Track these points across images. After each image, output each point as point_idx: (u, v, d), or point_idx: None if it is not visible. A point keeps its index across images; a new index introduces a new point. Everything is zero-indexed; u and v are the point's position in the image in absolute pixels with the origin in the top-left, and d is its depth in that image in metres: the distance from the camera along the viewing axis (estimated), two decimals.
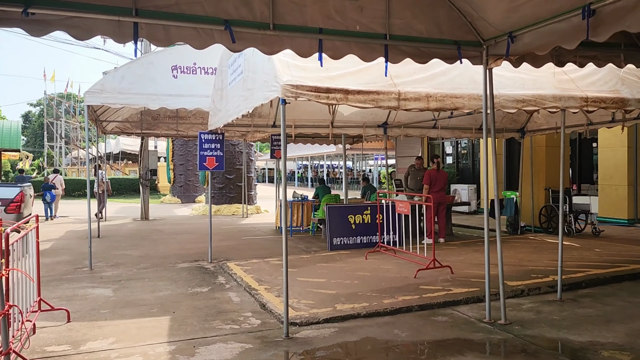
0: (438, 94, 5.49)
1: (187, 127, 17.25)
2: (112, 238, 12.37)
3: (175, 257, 9.55)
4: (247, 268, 8.15)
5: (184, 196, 28.06)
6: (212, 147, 8.90)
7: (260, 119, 9.28)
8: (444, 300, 5.98)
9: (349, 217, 9.83)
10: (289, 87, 4.96)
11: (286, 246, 5.26)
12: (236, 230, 13.81)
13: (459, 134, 10.82)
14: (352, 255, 9.08)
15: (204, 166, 8.89)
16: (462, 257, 8.62)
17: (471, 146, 18.15)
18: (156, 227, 14.77)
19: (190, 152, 28.26)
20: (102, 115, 13.06)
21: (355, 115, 9.86)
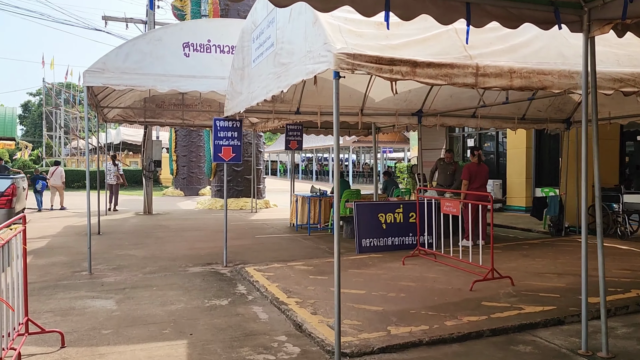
0: (523, 70, 4.41)
1: (194, 115, 16.19)
2: (113, 235, 11.32)
3: (185, 259, 8.50)
4: (270, 274, 7.09)
5: (187, 188, 27.05)
6: (229, 136, 7.83)
7: (283, 105, 8.21)
8: (518, 322, 4.93)
9: (379, 215, 8.77)
10: (343, 56, 3.88)
11: (339, 263, 4.18)
12: (248, 227, 12.76)
13: (499, 124, 9.74)
14: (386, 260, 8.02)
15: (219, 157, 7.82)
16: (514, 264, 7.56)
17: (495, 139, 17.05)
18: (161, 223, 13.72)
19: (194, 142, 27.22)
20: (104, 101, 11.97)
21: (387, 102, 8.78)
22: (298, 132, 12.93)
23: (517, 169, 15.38)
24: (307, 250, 9.35)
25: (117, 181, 17.53)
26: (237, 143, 7.91)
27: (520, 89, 4.43)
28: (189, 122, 16.17)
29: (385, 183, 13.01)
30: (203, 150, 27.57)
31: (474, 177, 9.05)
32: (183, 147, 27.15)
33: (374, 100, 8.63)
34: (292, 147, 12.96)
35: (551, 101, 9.68)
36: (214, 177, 18.93)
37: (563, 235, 10.28)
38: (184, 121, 16.03)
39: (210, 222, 13.93)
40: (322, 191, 11.80)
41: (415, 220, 8.98)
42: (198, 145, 27.39)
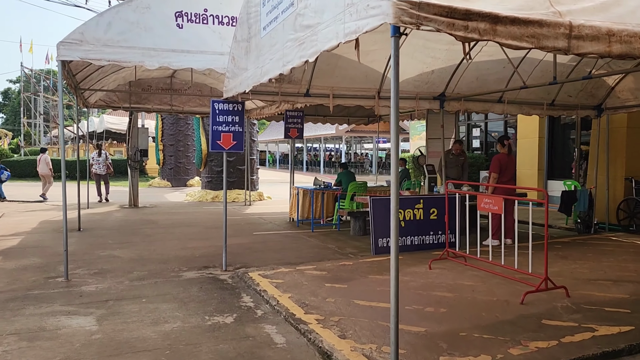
0: (623, 33, 3.43)
1: (183, 101, 15.07)
2: (96, 231, 10.21)
3: (178, 262, 7.45)
4: (278, 282, 6.08)
5: (174, 179, 25.89)
6: (229, 121, 6.77)
7: (290, 86, 7.16)
8: (599, 350, 3.99)
9: None
10: (406, 5, 2.86)
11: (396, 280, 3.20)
12: (244, 223, 11.72)
13: (527, 110, 8.78)
14: (408, 263, 7.05)
15: (217, 145, 6.76)
16: (555, 268, 6.64)
17: (504, 128, 16.16)
18: (148, 217, 12.61)
19: (181, 131, 26.02)
20: (84, 82, 10.79)
21: (407, 84, 7.76)
22: (299, 120, 11.89)
23: (527, 160, 14.52)
24: (315, 250, 8.35)
25: (107, 171, 16.51)
26: (238, 129, 6.86)
27: (620, 57, 3.46)
28: (178, 108, 15.04)
29: (402, 173, 12.03)
30: (191, 139, 26.38)
31: (504, 169, 8.12)
32: (170, 135, 25.93)
33: None
34: (292, 135, 11.92)
35: (583, 85, 8.76)
36: (204, 168, 17.82)
37: (592, 233, 9.40)
38: (172, 107, 14.91)
39: (203, 217, 12.86)
40: (327, 183, 10.79)
41: (436, 217, 8.02)
42: (186, 134, 26.19)
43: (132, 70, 12.48)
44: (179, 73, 14.36)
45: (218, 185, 17.49)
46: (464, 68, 7.73)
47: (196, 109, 15.28)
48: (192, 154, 26.63)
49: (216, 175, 17.54)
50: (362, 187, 10.68)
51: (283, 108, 12.36)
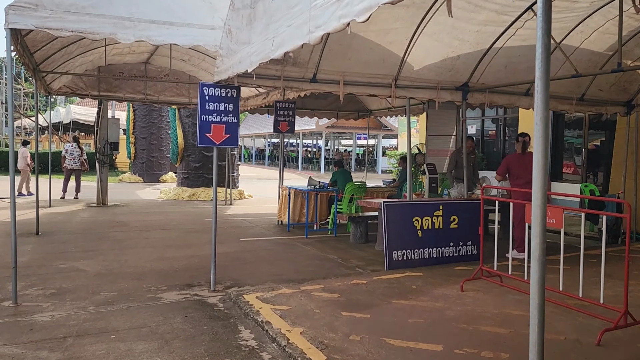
0: None
1: (158, 90, 13.72)
2: (57, 236, 8.84)
3: (155, 277, 6.21)
4: (283, 309, 4.91)
5: (146, 174, 24.40)
6: (222, 109, 5.55)
7: (295, 70, 5.95)
8: None
9: (414, 220, 6.69)
10: None
11: None
12: (227, 226, 10.47)
13: (555, 104, 7.79)
14: (432, 282, 5.96)
15: (206, 139, 5.54)
16: (610, 292, 5.63)
17: (502, 126, 15.27)
18: (118, 218, 11.25)
19: (154, 123, 24.50)
20: (45, 64, 9.37)
21: (428, 71, 6.66)
22: (290, 112, 10.69)
23: None
24: (315, 262, 7.20)
25: (82, 167, 15.05)
26: (232, 119, 5.64)
27: None
28: (153, 97, 13.69)
29: (401, 174, 10.95)
30: (165, 132, 24.88)
31: (516, 171, 7.13)
32: (142, 128, 24.39)
33: (413, 68, 6.49)
34: (282, 129, 10.71)
35: (617, 78, 7.82)
36: (180, 163, 16.44)
37: (619, 243, 8.50)
38: (146, 97, 13.54)
39: (180, 218, 11.56)
40: (323, 184, 9.63)
41: (456, 225, 6.95)
42: (159, 126, 24.69)
43: (102, 53, 11.09)
44: (155, 59, 13.01)
45: (195, 182, 16.14)
46: (493, 54, 6.67)
47: (173, 98, 13.95)
48: (166, 148, 25.13)
49: (193, 171, 16.19)
50: (361, 189, 9.57)
51: (272, 99, 11.14)
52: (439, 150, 12.47)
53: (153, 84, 13.64)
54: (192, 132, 16.14)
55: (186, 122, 16.21)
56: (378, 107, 14.98)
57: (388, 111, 14.68)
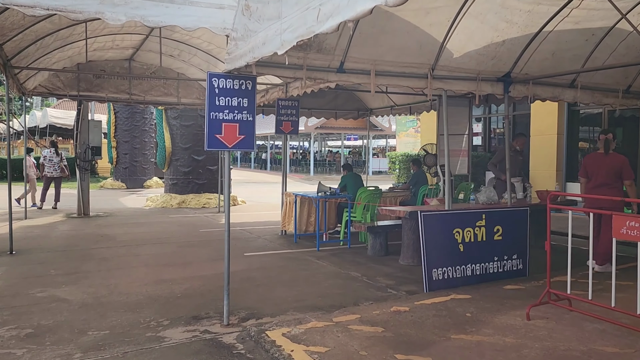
0: None
1: (144, 89, 12.65)
2: (34, 255, 7.72)
3: (154, 308, 5.17)
4: (321, 352, 3.93)
5: (129, 180, 23.19)
6: (235, 105, 4.56)
7: (319, 57, 4.95)
8: None
9: (454, 232, 5.76)
10: None
11: None
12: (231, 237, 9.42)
13: (599, 97, 6.94)
14: (488, 307, 5.04)
15: (216, 141, 4.54)
16: None
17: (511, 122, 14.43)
18: (103, 231, 10.13)
19: (137, 126, 23.31)
20: (17, 59, 8.25)
21: (468, 59, 5.74)
22: (293, 110, 9.70)
23: (543, 161, 12.88)
24: (338, 281, 6.24)
25: (62, 174, 13.82)
26: (247, 117, 4.65)
27: None
28: (138, 97, 12.59)
29: (416, 177, 10.03)
30: (148, 135, 23.71)
31: (594, 172, 6.25)
32: (124, 131, 23.17)
33: (452, 56, 5.57)
34: (285, 129, 9.72)
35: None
36: (168, 168, 15.32)
37: None
38: (131, 96, 12.45)
39: (172, 229, 10.48)
40: (334, 190, 8.65)
41: (500, 237, 6.04)
42: (142, 129, 23.51)
43: (82, 47, 9.99)
44: (140, 55, 11.93)
45: (185, 188, 15.04)
46: (541, 39, 5.78)
47: (160, 98, 12.87)
48: (150, 152, 23.94)
49: (182, 177, 15.08)
50: (376, 195, 8.64)
51: (272, 97, 10.17)
52: (452, 151, 11.58)
53: (138, 83, 12.56)
54: (180, 134, 15.05)
55: (174, 124, 15.11)
56: (379, 105, 14.08)
57: (391, 109, 13.80)
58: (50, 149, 13.70)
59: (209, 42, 9.75)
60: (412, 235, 7.05)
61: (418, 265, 7.00)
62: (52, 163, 13.56)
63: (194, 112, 14.97)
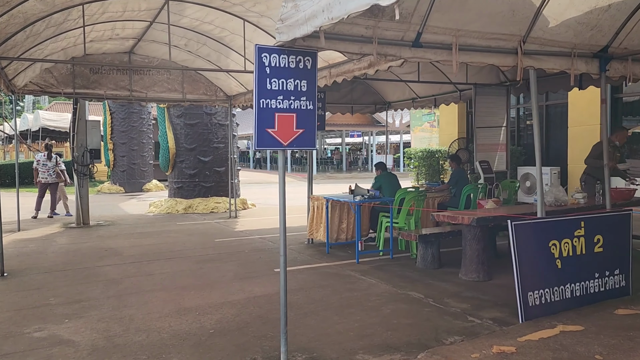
0: None
1: (146, 85, 11.58)
2: (28, 277, 6.59)
3: (184, 354, 4.06)
4: None
5: (127, 184, 22.03)
6: (291, 90, 3.47)
7: (392, 27, 3.81)
8: None
9: (551, 245, 4.67)
10: None
11: None
12: (249, 249, 8.33)
13: None
14: (613, 343, 3.95)
15: (268, 138, 3.45)
16: None
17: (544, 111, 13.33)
18: (106, 243, 9.00)
19: (135, 127, 22.16)
20: (3, 48, 7.10)
21: (565, 30, 4.63)
22: (319, 103, 8.60)
23: (583, 154, 11.80)
24: (400, 306, 5.14)
25: (58, 179, 12.64)
26: (307, 105, 3.56)
27: None
28: (140, 94, 11.49)
29: (456, 175, 8.92)
30: (146, 135, 22.55)
31: None
32: (121, 132, 22.01)
33: (547, 25, 4.47)
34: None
35: None
36: (172, 171, 14.17)
37: None
38: (132, 93, 11.35)
39: (183, 239, 9.34)
40: (373, 192, 7.54)
41: (601, 248, 4.96)
42: (140, 130, 22.35)
43: (77, 37, 8.89)
44: (142, 46, 10.78)
45: (191, 192, 13.90)
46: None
47: (164, 95, 11.77)
48: (148, 154, 22.80)
49: (188, 179, 13.94)
50: (421, 198, 7.55)
51: (375, 68, 9.08)
52: (490, 145, 10.55)
53: (140, 78, 11.45)
54: (184, 134, 13.90)
55: (177, 122, 13.96)
56: (399, 98, 13.01)
57: (412, 102, 12.75)
58: (44, 152, 12.52)
59: (221, 28, 8.63)
60: (476, 246, 5.97)
61: (484, 280, 5.95)
62: (46, 168, 12.39)
63: (199, 110, 13.84)
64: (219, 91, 12.23)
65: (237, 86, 11.35)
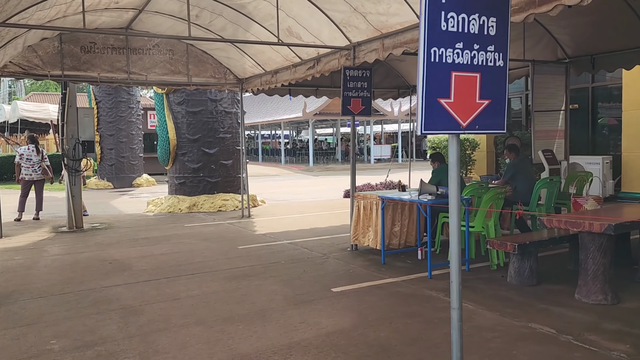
0: None
1: (146, 67, 10.14)
2: (16, 306, 5.11)
3: None
4: None
5: (116, 179, 20.48)
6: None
7: None
8: None
9: None
10: None
11: None
12: (284, 259, 6.92)
13: None
14: None
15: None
16: None
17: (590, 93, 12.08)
18: (109, 253, 7.51)
19: (123, 117, 20.54)
20: None
21: None
22: (365, 83, 7.18)
23: (639, 140, 10.63)
24: (535, 349, 3.79)
25: (45, 176, 11.03)
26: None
27: None
28: (139, 76, 10.03)
29: (513, 168, 7.60)
30: (135, 127, 20.97)
31: None
32: (109, 123, 20.38)
33: None
34: (353, 109, 7.22)
35: None
36: (172, 165, 12.65)
37: None
38: (129, 75, 9.90)
39: (201, 247, 7.89)
40: (444, 190, 6.15)
41: None
42: (128, 120, 20.77)
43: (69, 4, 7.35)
44: (143, 20, 9.25)
45: (195, 188, 12.40)
46: None
47: (166, 77, 10.30)
48: (138, 146, 21.19)
49: (191, 174, 12.43)
50: (500, 197, 6.21)
51: (330, 67, 7.71)
52: (548, 132, 9.26)
53: (138, 58, 9.95)
54: (187, 123, 12.37)
55: (178, 110, 12.43)
56: None
57: None
58: (29, 145, 10.90)
59: None
60: (602, 259, 4.67)
61: (613, 304, 4.67)
62: (30, 163, 10.78)
63: (202, 96, 12.33)
64: (229, 73, 10.75)
65: (252, 67, 9.89)
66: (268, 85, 9.69)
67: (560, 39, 8.70)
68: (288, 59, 8.60)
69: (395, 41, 6.27)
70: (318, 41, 7.54)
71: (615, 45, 8.17)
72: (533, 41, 8.56)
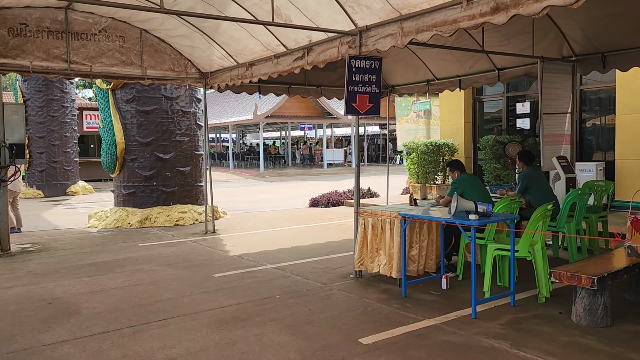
0: None
1: (90, 56, 8.52)
2: None
3: None
4: None
5: (47, 186, 18.30)
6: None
7: None
8: None
9: None
10: None
11: None
12: (277, 290, 5.54)
13: None
14: None
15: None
16: None
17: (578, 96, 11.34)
18: (47, 289, 5.85)
19: (56, 117, 18.40)
20: None
21: None
22: (373, 76, 5.89)
23: (633, 146, 10.03)
24: None
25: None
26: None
27: None
28: (82, 67, 8.40)
29: (526, 180, 6.55)
30: (70, 128, 18.85)
31: None
32: (38, 124, 18.16)
33: None
34: (359, 108, 5.91)
35: None
36: (119, 172, 10.90)
37: None
38: (70, 66, 8.28)
39: (166, 276, 6.35)
40: (485, 207, 4.97)
41: None
42: (62, 121, 18.62)
43: None
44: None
45: (147, 199, 10.72)
46: None
47: (115, 69, 8.71)
48: (73, 149, 19.04)
49: (143, 183, 10.73)
50: (547, 214, 5.13)
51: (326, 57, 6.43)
52: (555, 137, 8.39)
53: (81, 45, 8.35)
54: (137, 124, 10.68)
55: (127, 109, 10.73)
56: (409, 80, 10.64)
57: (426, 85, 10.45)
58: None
59: None
60: None
61: None
62: None
63: (156, 93, 10.71)
64: (190, 66, 9.25)
65: (221, 58, 8.45)
66: (241, 81, 8.27)
67: (568, 35, 7.82)
68: (270, 48, 7.24)
69: (421, 24, 5.07)
70: (313, 25, 6.25)
71: (630, 42, 7.39)
72: (537, 37, 7.64)
